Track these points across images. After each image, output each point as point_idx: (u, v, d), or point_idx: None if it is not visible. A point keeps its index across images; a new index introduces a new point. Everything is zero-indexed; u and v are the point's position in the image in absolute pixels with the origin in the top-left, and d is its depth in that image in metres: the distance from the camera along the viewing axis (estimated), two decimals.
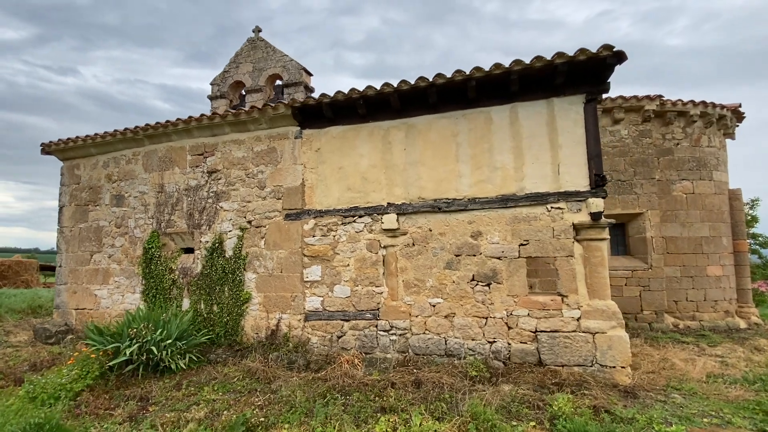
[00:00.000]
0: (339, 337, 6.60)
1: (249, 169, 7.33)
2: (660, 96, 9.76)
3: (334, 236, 6.76)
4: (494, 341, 5.94)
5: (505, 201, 6.03)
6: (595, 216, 5.62)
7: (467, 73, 5.82)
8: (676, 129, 10.09)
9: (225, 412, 4.65)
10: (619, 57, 5.30)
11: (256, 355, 6.50)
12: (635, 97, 9.84)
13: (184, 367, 6.06)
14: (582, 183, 5.77)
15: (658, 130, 10.11)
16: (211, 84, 13.99)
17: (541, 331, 5.74)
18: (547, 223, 5.89)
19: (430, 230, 6.37)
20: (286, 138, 7.15)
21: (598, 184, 5.69)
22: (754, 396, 5.14)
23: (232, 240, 7.35)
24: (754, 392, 5.28)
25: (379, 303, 6.49)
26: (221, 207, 7.46)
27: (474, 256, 6.16)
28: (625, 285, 9.81)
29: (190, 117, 7.47)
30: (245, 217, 7.29)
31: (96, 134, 8.25)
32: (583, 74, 5.68)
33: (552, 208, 5.88)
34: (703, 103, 9.91)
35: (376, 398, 4.93)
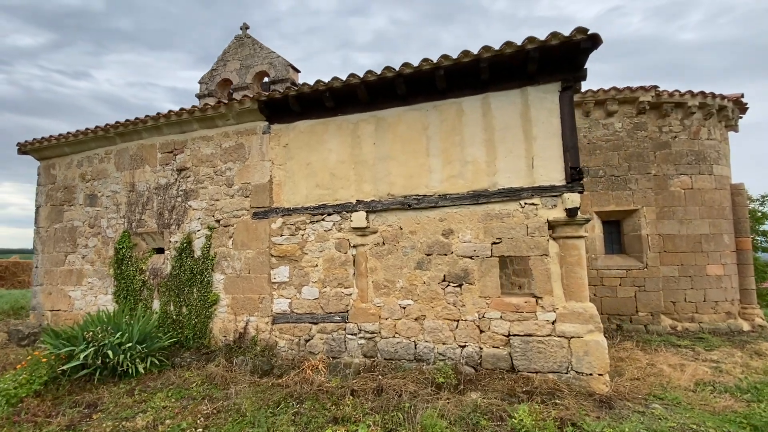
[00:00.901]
0: (307, 341, 6.32)
1: (217, 167, 7.10)
2: (655, 87, 9.29)
3: (303, 235, 6.49)
4: (465, 345, 5.60)
5: (477, 197, 5.69)
6: (571, 212, 5.24)
7: (434, 61, 5.49)
8: (674, 121, 9.60)
9: (168, 421, 4.40)
10: (594, 40, 4.92)
11: (221, 359, 6.26)
12: (629, 88, 9.38)
13: (143, 371, 5.84)
14: (557, 177, 5.40)
15: (654, 123, 9.64)
16: (200, 83, 13.84)
17: (514, 335, 5.39)
18: (521, 220, 5.53)
19: (401, 228, 6.05)
20: (254, 133, 6.89)
21: (574, 178, 5.32)
22: (745, 407, 4.72)
23: (200, 240, 7.12)
24: (745, 403, 4.86)
25: (348, 305, 6.20)
26: (190, 206, 7.24)
27: (445, 255, 5.82)
28: (620, 285, 9.37)
29: (158, 114, 7.26)
30: (214, 216, 7.06)
31: (69, 133, 8.11)
32: (557, 60, 5.31)
33: (526, 204, 5.52)
34: (702, 93, 9.42)
35: (333, 407, 4.65)
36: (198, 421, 4.37)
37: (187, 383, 5.60)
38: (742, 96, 9.94)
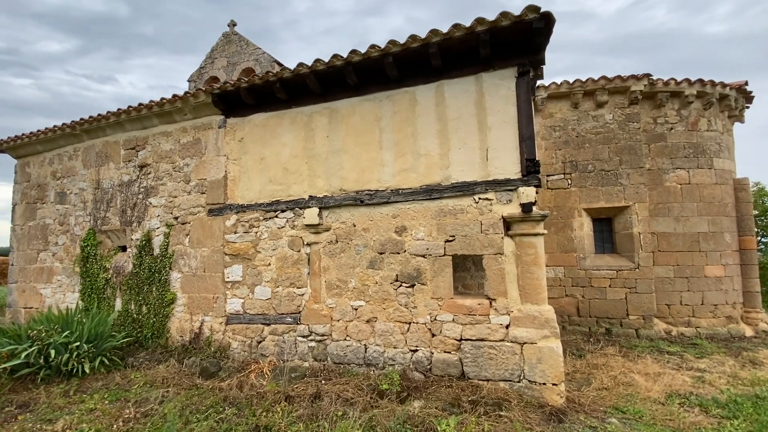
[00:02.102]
0: (259, 343, 6.08)
1: (176, 163, 6.94)
2: (648, 75, 8.70)
3: (256, 233, 6.25)
4: (416, 350, 5.26)
5: (430, 192, 5.33)
6: (526, 207, 4.83)
7: (382, 48, 5.16)
8: (670, 112, 8.98)
9: (85, 425, 4.22)
10: (547, 20, 4.51)
11: (173, 360, 6.10)
12: (619, 77, 8.82)
13: (89, 371, 5.71)
14: (512, 170, 5.00)
15: (648, 114, 9.04)
16: (189, 80, 13.82)
17: (466, 340, 5.02)
18: (475, 217, 5.15)
19: (354, 226, 5.75)
20: (210, 128, 6.70)
21: (530, 170, 4.90)
22: (715, 424, 4.24)
23: (159, 237, 6.98)
24: (716, 419, 4.37)
25: (300, 306, 5.93)
26: (150, 203, 7.10)
27: (398, 254, 5.49)
28: (609, 286, 8.82)
29: (119, 109, 7.15)
30: (172, 213, 6.90)
31: (39, 131, 8.10)
32: (512, 44, 4.91)
33: (480, 199, 5.13)
34: (700, 81, 8.76)
35: (263, 413, 4.39)
36: (115, 426, 4.17)
37: (129, 385, 5.44)
38: (746, 84, 9.22)
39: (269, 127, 6.29)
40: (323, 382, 5.12)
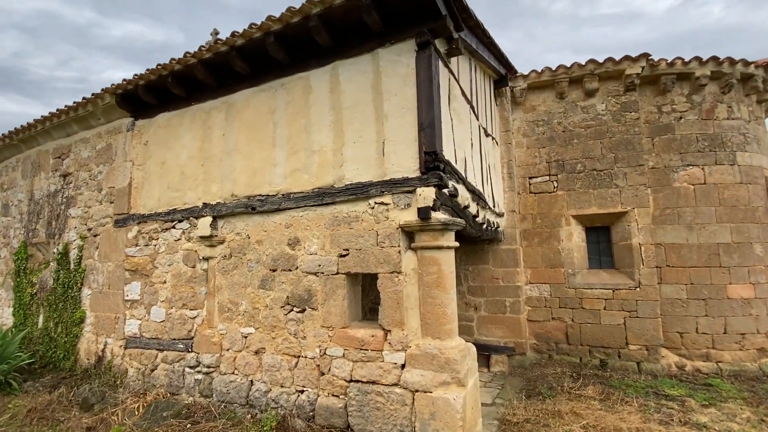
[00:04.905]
0: (152, 371, 5.34)
1: (92, 171, 6.45)
2: (646, 54, 7.24)
3: (155, 246, 5.57)
4: (303, 390, 4.27)
5: (322, 196, 4.38)
6: (423, 213, 3.76)
7: (259, 24, 4.34)
8: (678, 98, 7.43)
9: None
10: None
11: (63, 387, 5.50)
12: (611, 59, 7.42)
13: None
14: (411, 166, 3.95)
15: (650, 102, 7.55)
16: None
17: (356, 381, 3.97)
18: (370, 226, 4.13)
19: (249, 237, 4.90)
20: (120, 132, 6.15)
21: (430, 166, 3.82)
22: None
23: (74, 251, 6.49)
24: None
25: (191, 331, 5.14)
26: (69, 214, 6.66)
27: (290, 271, 4.56)
28: (604, 309, 7.32)
29: (42, 116, 6.82)
30: (86, 225, 6.40)
31: None
32: (408, 9, 3.92)
33: (375, 204, 4.11)
34: (714, 59, 7.17)
35: None
36: None
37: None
38: None
39: (171, 128, 5.63)
40: (190, 425, 4.26)
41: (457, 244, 3.97)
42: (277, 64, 4.72)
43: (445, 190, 4.05)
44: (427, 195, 3.75)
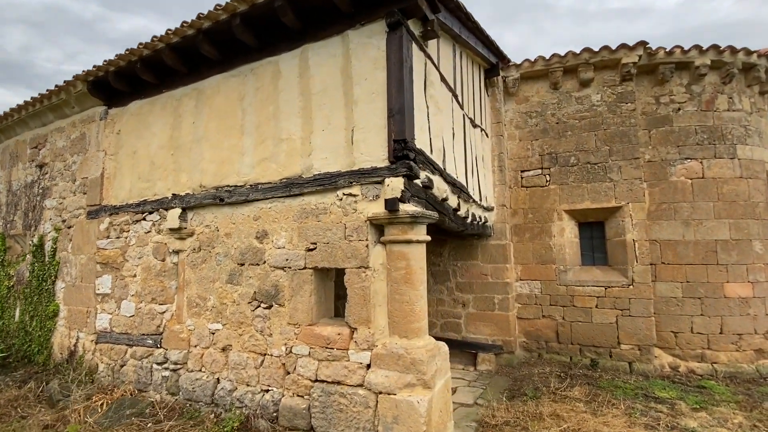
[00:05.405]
0: (122, 366, 5.18)
1: (67, 161, 6.28)
2: (643, 43, 6.93)
3: (126, 238, 5.39)
4: (268, 389, 4.09)
5: (290, 187, 4.17)
6: (390, 204, 3.54)
7: (223, 5, 4.11)
8: (676, 88, 7.12)
9: None
10: None
11: (32, 382, 5.37)
12: (607, 48, 7.11)
13: None
14: (380, 155, 3.72)
15: (647, 92, 7.25)
16: None
17: (321, 381, 3.78)
18: (339, 218, 3.91)
19: (218, 230, 4.70)
20: (93, 121, 5.97)
21: (398, 155, 3.59)
22: None
23: (49, 243, 6.34)
24: None
25: (160, 326, 4.97)
26: (45, 205, 6.51)
27: (258, 265, 4.37)
28: (596, 307, 7.07)
29: (18, 105, 6.65)
30: (61, 216, 6.24)
31: None
32: None
33: (344, 195, 3.89)
34: (715, 48, 6.84)
35: None
36: None
37: None
38: None
39: (142, 116, 5.44)
40: (151, 424, 4.10)
41: (428, 238, 3.75)
42: (247, 48, 4.50)
43: (418, 181, 3.83)
44: (395, 186, 3.53)
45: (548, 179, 7.55)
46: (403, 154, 3.56)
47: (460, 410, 5.14)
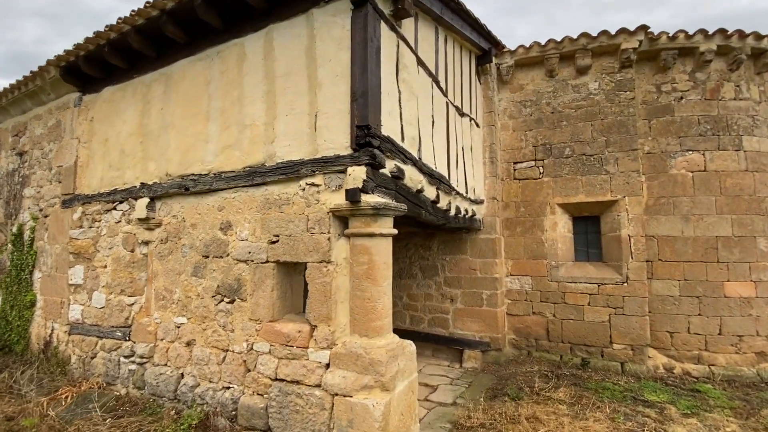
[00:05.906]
0: (92, 359, 5.09)
1: (44, 148, 6.17)
2: (645, 27, 6.54)
3: (98, 228, 5.26)
4: (229, 387, 3.94)
5: (252, 176, 3.97)
6: (351, 195, 3.31)
7: None
8: (679, 76, 6.74)
9: None
10: None
11: (6, 373, 5.30)
12: (606, 33, 6.75)
13: None
14: (343, 142, 3.49)
15: (648, 80, 6.87)
16: None
17: (280, 380, 3.61)
18: (301, 209, 3.71)
19: (184, 220, 4.54)
20: (68, 108, 5.83)
21: (361, 142, 3.36)
22: None
23: (27, 232, 6.26)
24: None
25: (129, 318, 4.84)
26: (24, 194, 6.42)
27: (221, 258, 4.20)
28: (588, 304, 6.79)
29: None
30: (38, 205, 6.15)
31: None
32: None
33: (307, 185, 3.68)
34: (722, 32, 6.43)
35: None
36: None
37: None
38: None
39: (114, 103, 5.27)
40: (110, 419, 3.98)
41: (394, 231, 3.53)
42: (213, 30, 4.28)
43: (385, 171, 3.60)
44: (356, 175, 3.31)
45: (542, 171, 7.24)
46: (366, 141, 3.33)
47: (438, 409, 4.96)
